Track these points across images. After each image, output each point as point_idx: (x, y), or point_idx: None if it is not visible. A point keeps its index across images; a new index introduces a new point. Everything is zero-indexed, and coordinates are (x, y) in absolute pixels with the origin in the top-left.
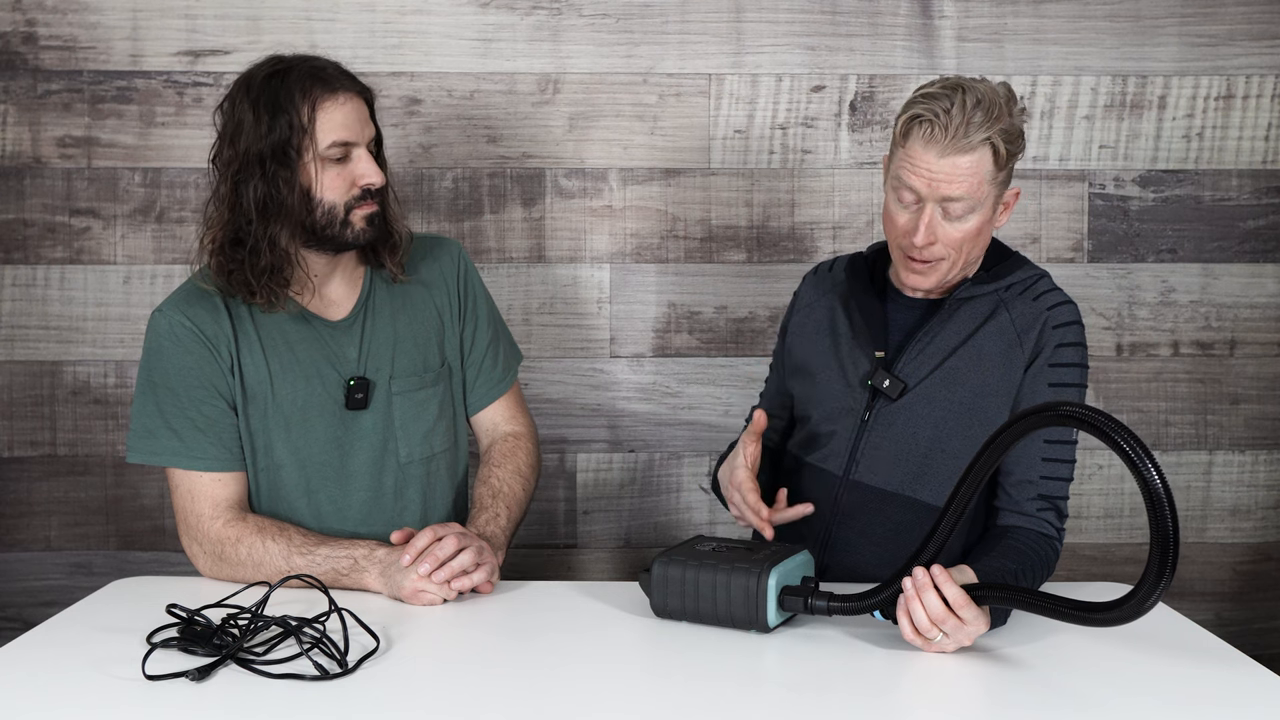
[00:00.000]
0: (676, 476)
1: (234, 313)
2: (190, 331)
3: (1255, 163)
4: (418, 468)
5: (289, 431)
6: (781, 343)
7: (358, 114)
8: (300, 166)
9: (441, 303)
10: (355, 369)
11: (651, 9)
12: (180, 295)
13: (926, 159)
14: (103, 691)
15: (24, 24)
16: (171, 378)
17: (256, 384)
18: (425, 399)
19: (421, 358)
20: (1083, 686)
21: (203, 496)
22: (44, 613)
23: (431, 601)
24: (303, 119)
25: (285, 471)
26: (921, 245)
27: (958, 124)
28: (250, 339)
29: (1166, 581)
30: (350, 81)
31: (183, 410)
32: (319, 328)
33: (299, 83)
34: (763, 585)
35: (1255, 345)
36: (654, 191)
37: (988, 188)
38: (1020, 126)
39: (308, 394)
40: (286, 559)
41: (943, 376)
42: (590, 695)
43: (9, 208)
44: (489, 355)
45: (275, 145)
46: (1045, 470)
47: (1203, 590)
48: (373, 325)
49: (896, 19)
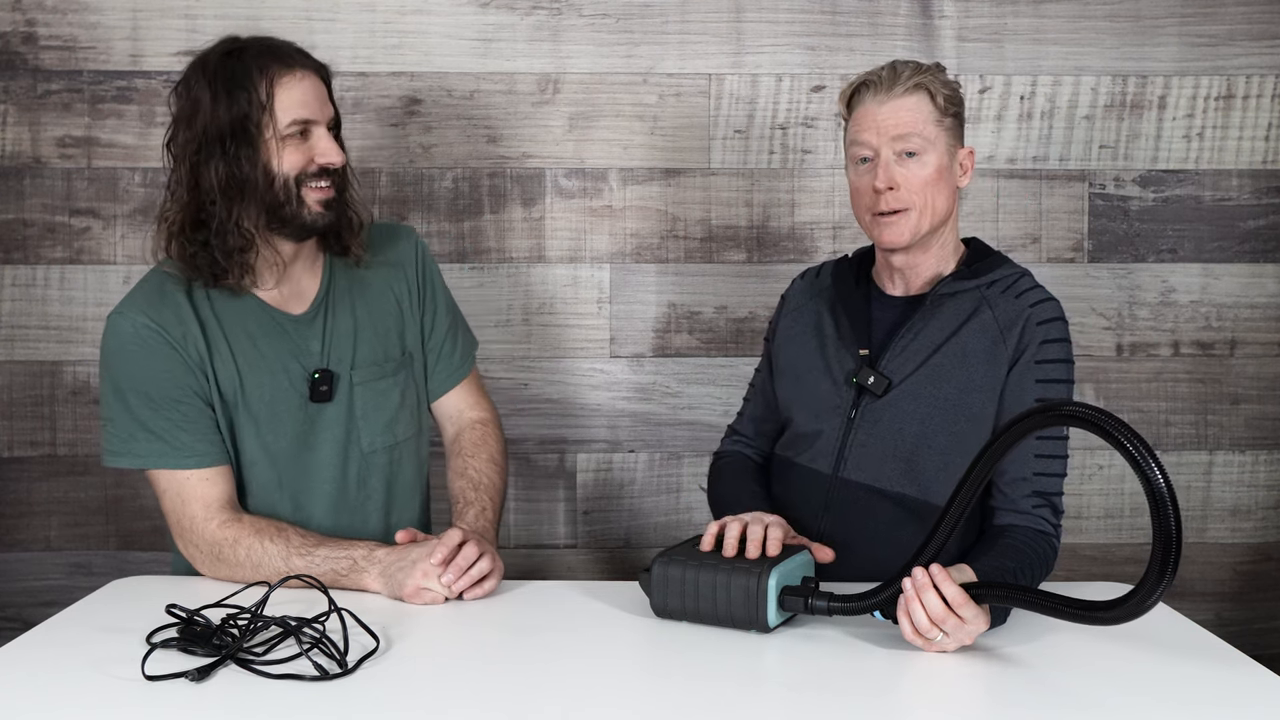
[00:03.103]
0: (676, 476)
1: (200, 312)
2: (155, 333)
3: (1255, 163)
4: (381, 456)
5: (259, 428)
6: (769, 345)
7: (316, 92)
8: (261, 144)
9: (400, 290)
10: (319, 361)
11: (651, 9)
12: (140, 295)
13: (871, 112)
14: (102, 691)
15: (24, 24)
16: (141, 382)
17: (227, 383)
18: (387, 388)
19: (382, 347)
20: (1083, 686)
21: (193, 498)
22: (44, 613)
23: (433, 600)
24: (261, 95)
25: (258, 469)
26: (883, 188)
27: (890, 78)
28: (217, 337)
29: (1168, 581)
30: (307, 59)
31: (159, 412)
32: (282, 322)
33: (256, 60)
34: (763, 585)
35: (1255, 345)
36: (654, 191)
37: (934, 130)
38: (957, 91)
39: (274, 389)
40: (285, 560)
41: (927, 373)
42: (590, 695)
43: (9, 208)
44: (448, 340)
45: (235, 122)
46: (1039, 467)
47: (1203, 590)
48: (334, 317)
49: (896, 19)
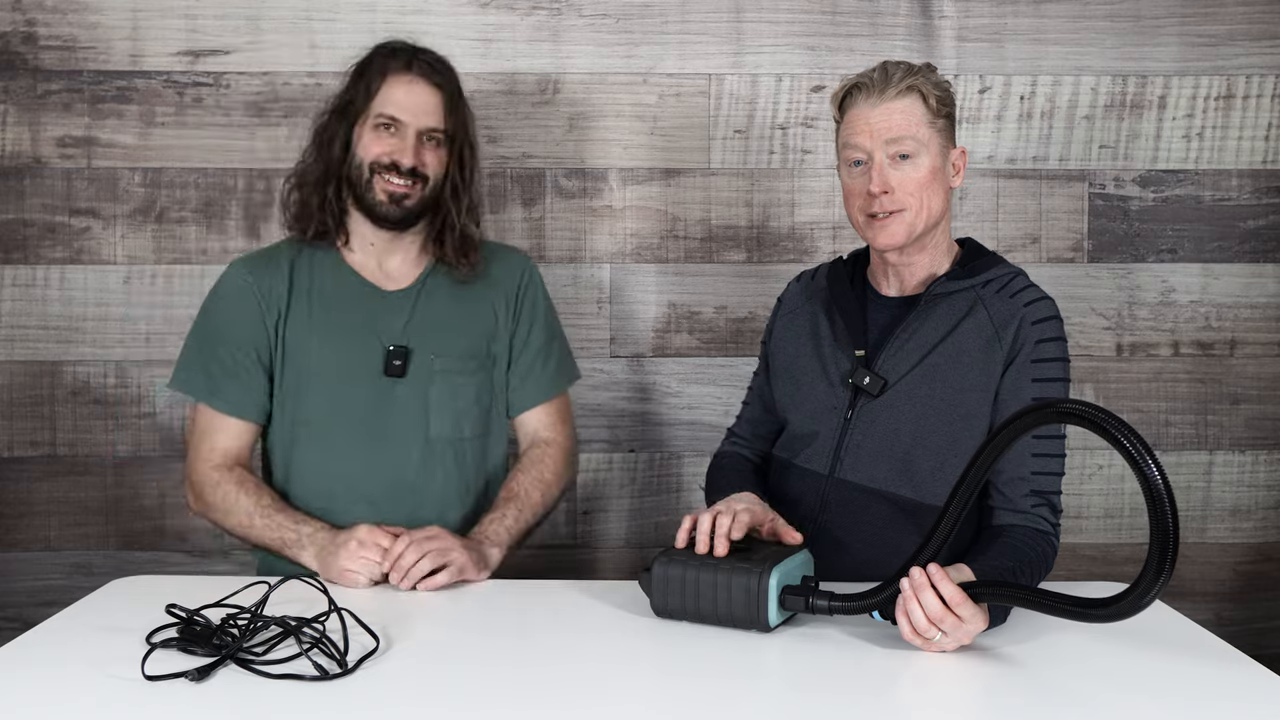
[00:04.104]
0: (676, 476)
1: (295, 276)
2: (249, 287)
3: (1255, 163)
4: (446, 447)
5: (325, 389)
6: (765, 348)
7: (421, 101)
8: (356, 125)
9: (499, 304)
10: (398, 338)
11: (651, 9)
12: (257, 253)
13: (863, 114)
14: (102, 691)
15: (24, 24)
16: (219, 323)
17: (299, 341)
18: (463, 383)
19: (468, 344)
20: (1082, 686)
21: (210, 439)
22: (44, 613)
23: (354, 583)
24: (372, 86)
25: (317, 428)
26: (878, 192)
27: (881, 80)
28: (302, 299)
29: (1165, 578)
30: (433, 73)
31: (217, 353)
32: (370, 295)
33: (387, 58)
34: (764, 585)
35: (1255, 345)
36: (654, 191)
37: (927, 131)
38: (948, 91)
39: (347, 355)
40: (249, 515)
41: (923, 373)
42: (590, 695)
43: (9, 208)
44: (539, 360)
45: (348, 102)
46: (1036, 466)
47: (1203, 590)
48: (426, 303)
49: (896, 19)
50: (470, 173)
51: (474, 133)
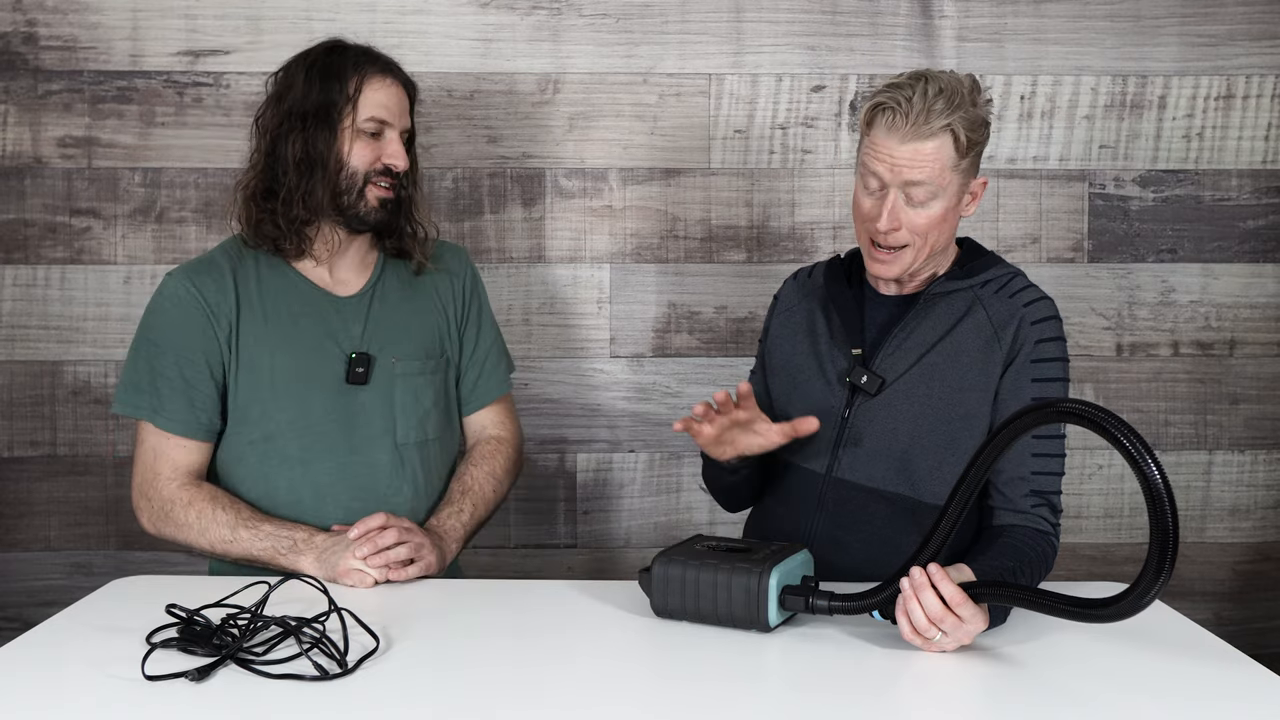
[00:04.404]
0: (676, 476)
1: (240, 285)
2: (193, 298)
3: (1255, 163)
4: (412, 451)
5: (288, 401)
6: (763, 346)
7: (399, 101)
8: (339, 131)
9: (447, 301)
10: (358, 344)
11: (651, 9)
12: (194, 263)
13: (889, 145)
14: (102, 691)
15: (24, 24)
16: (164, 337)
17: (256, 353)
18: (424, 385)
19: (425, 345)
20: (1082, 685)
21: (165, 458)
22: (44, 613)
23: (362, 582)
24: (349, 89)
25: (280, 441)
26: (885, 230)
27: (919, 111)
28: (254, 309)
29: (1165, 577)
30: (399, 72)
31: (166, 370)
32: (324, 302)
33: (354, 59)
34: (764, 585)
35: (1255, 345)
36: (654, 191)
37: (950, 175)
38: (984, 116)
39: (307, 365)
40: (232, 529)
41: (921, 372)
42: (590, 695)
43: (9, 208)
44: (489, 360)
45: (319, 106)
46: (1036, 466)
47: (1202, 590)
48: (380, 306)
49: (896, 19)
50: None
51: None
